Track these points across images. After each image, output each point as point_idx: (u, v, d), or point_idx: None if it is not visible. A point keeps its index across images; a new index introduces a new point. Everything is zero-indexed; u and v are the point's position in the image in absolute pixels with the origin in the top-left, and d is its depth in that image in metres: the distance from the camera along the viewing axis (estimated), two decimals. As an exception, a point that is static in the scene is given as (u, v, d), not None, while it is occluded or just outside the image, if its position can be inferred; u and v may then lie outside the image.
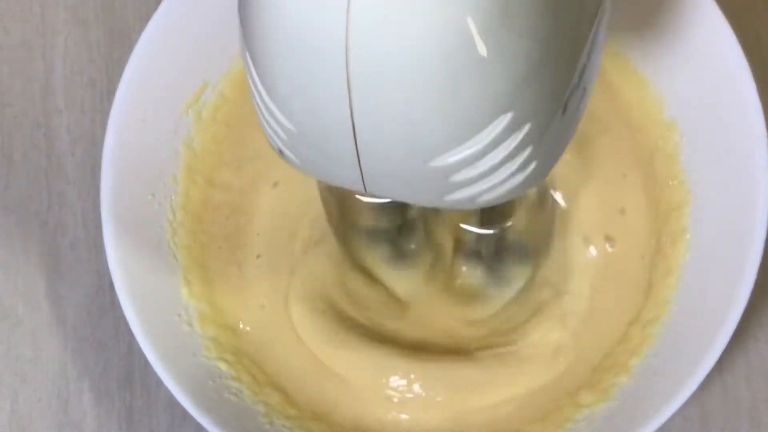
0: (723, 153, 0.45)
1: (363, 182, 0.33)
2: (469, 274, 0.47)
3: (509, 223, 0.44)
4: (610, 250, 0.47)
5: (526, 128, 0.31)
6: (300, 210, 0.49)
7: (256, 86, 0.33)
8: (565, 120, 0.33)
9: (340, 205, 0.44)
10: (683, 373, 0.42)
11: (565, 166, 0.46)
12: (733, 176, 0.44)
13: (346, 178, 0.33)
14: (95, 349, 0.49)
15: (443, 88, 0.30)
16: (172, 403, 0.49)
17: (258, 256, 0.48)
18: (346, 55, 0.29)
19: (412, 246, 0.47)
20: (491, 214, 0.44)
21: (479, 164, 0.32)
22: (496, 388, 0.46)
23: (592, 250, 0.47)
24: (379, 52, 0.29)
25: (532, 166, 0.33)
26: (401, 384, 0.46)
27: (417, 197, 0.34)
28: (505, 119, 0.31)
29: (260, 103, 0.33)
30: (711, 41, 0.44)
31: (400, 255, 0.47)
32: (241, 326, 0.47)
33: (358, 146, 0.31)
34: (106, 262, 0.50)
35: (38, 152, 0.51)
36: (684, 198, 0.46)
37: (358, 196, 0.42)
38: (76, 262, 0.50)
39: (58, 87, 0.51)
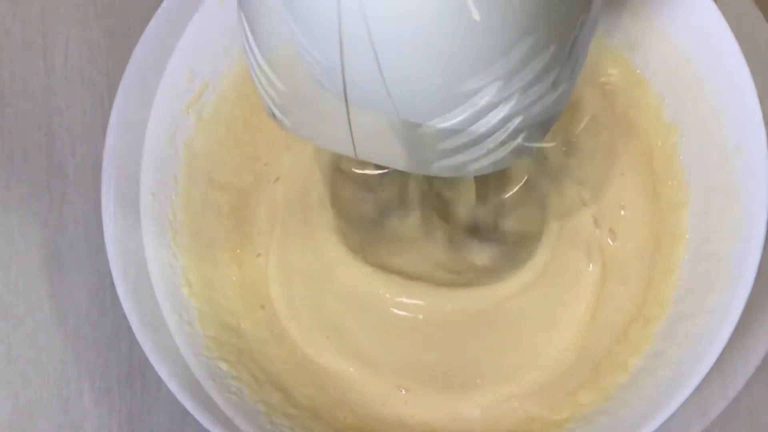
0: (722, 152, 0.45)
1: (353, 145, 0.33)
2: (473, 252, 0.47)
3: (505, 196, 0.44)
4: (610, 245, 0.47)
5: (514, 98, 0.31)
6: (302, 208, 0.49)
7: (249, 46, 0.33)
8: (553, 95, 0.33)
9: (341, 182, 0.44)
10: (683, 373, 0.42)
11: (563, 164, 0.46)
12: (733, 175, 0.44)
13: (336, 139, 0.33)
14: (96, 349, 0.49)
15: (432, 51, 0.30)
16: (173, 402, 0.48)
17: (258, 255, 0.49)
18: (339, 11, 0.29)
19: (411, 228, 0.47)
20: (486, 191, 0.44)
21: (470, 131, 0.32)
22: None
23: (592, 251, 0.48)
24: (372, 4, 0.29)
25: (521, 136, 0.33)
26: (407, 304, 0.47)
27: (406, 163, 0.34)
28: (494, 87, 0.31)
29: (253, 63, 0.33)
30: (710, 41, 0.44)
31: (398, 237, 0.47)
32: (242, 326, 0.47)
33: (349, 107, 0.31)
34: (106, 262, 0.50)
35: (39, 152, 0.51)
36: (683, 198, 0.46)
37: (355, 170, 0.42)
38: (77, 262, 0.50)
39: (58, 87, 0.51)
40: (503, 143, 0.33)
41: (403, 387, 0.47)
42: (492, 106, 0.31)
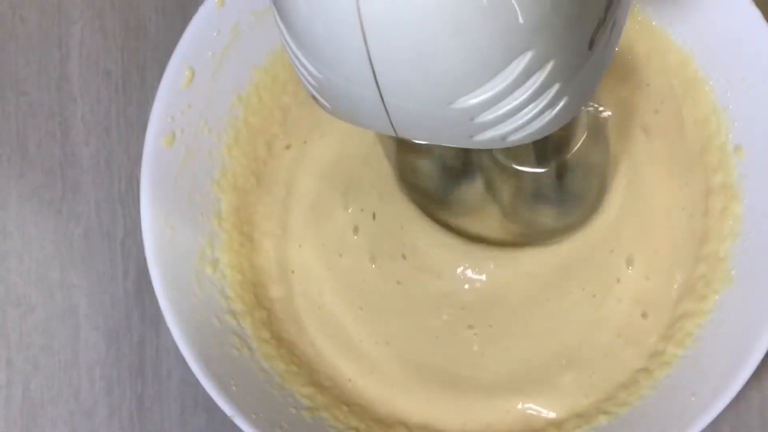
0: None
1: (392, 125, 0.33)
2: (538, 215, 0.47)
3: (566, 156, 0.44)
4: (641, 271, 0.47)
5: (549, 66, 0.31)
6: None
7: (284, 36, 0.33)
8: (594, 56, 0.32)
9: (403, 158, 0.44)
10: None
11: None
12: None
13: (375, 121, 0.33)
14: (107, 338, 0.50)
15: (456, 27, 0.29)
16: (183, 392, 0.49)
17: (300, 246, 0.49)
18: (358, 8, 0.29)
19: (475, 194, 0.47)
20: (545, 152, 0.43)
21: (503, 104, 0.31)
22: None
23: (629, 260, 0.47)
24: None
25: (562, 102, 0.32)
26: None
27: (446, 138, 0.34)
28: (525, 58, 0.30)
29: (290, 52, 0.33)
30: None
31: (463, 203, 0.47)
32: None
33: (381, 90, 0.31)
34: (118, 251, 0.50)
35: (53, 141, 0.51)
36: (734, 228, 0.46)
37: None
38: (89, 252, 0.50)
39: (73, 76, 0.52)
40: (544, 111, 0.32)
41: (404, 387, 0.47)
42: (528, 74, 0.31)
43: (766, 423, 0.47)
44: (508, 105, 0.31)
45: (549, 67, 0.31)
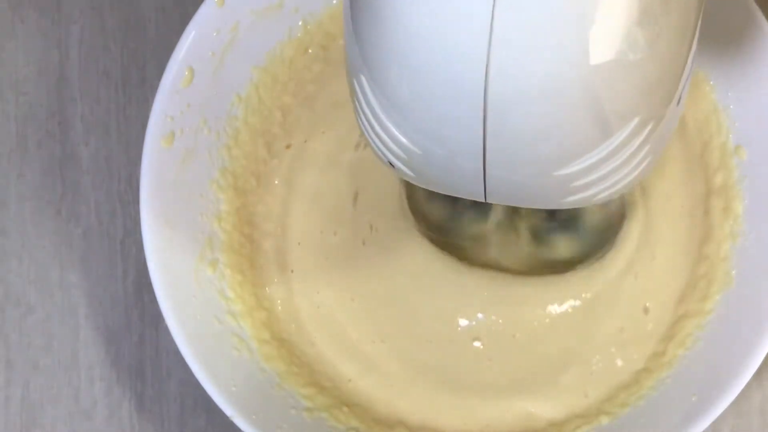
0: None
1: (485, 194, 0.33)
2: (553, 246, 0.47)
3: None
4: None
5: (648, 129, 0.31)
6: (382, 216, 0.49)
7: (368, 101, 0.32)
8: (677, 111, 0.33)
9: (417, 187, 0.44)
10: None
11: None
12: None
13: (467, 191, 0.33)
14: (107, 338, 0.49)
15: (581, 103, 0.30)
16: (183, 392, 0.49)
17: (299, 244, 0.49)
18: (486, 75, 0.29)
19: (489, 227, 0.47)
20: None
21: (601, 168, 0.32)
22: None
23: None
24: (522, 70, 0.29)
25: (647, 161, 0.33)
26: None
27: (537, 203, 0.34)
28: (632, 124, 0.31)
29: (372, 120, 0.32)
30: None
31: (476, 235, 0.47)
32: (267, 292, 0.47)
33: (486, 164, 0.31)
34: (118, 251, 0.50)
35: (52, 141, 0.51)
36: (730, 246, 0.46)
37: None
38: (89, 252, 0.50)
39: (72, 76, 0.51)
40: (633, 170, 0.32)
41: (404, 387, 0.47)
42: (631, 138, 0.31)
43: (766, 423, 0.47)
44: (607, 168, 0.32)
45: (648, 129, 0.31)
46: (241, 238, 0.47)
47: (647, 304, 0.46)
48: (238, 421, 0.43)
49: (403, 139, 0.32)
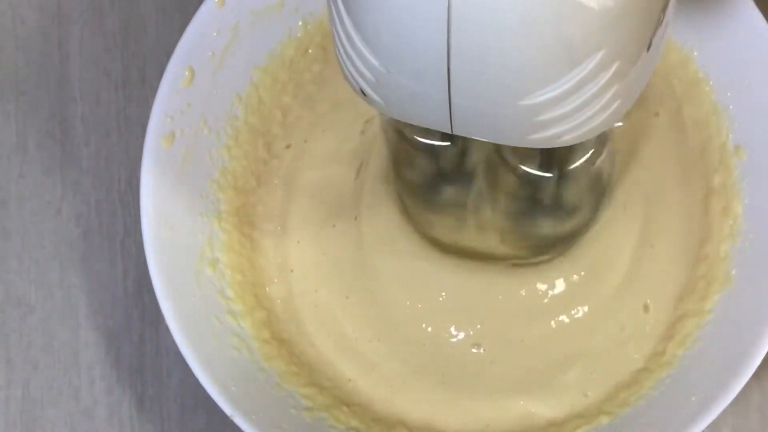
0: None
1: (450, 122, 0.33)
2: (534, 222, 0.47)
3: (570, 167, 0.44)
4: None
5: (614, 67, 0.32)
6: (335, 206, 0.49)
7: (345, 29, 0.32)
8: (649, 57, 0.33)
9: (402, 150, 0.44)
10: (710, 391, 0.42)
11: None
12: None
13: (433, 118, 0.33)
14: (107, 338, 0.50)
15: (547, 26, 0.30)
16: (183, 392, 0.49)
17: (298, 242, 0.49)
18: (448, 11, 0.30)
19: (471, 198, 0.47)
20: (551, 158, 0.44)
21: (567, 102, 0.32)
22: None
23: None
24: None
25: (615, 104, 0.33)
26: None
27: (502, 136, 0.34)
28: (596, 57, 0.31)
29: (345, 42, 0.33)
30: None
31: (458, 206, 0.47)
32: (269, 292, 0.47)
33: (451, 87, 0.31)
34: (118, 251, 0.50)
35: (53, 141, 0.51)
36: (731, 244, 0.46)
37: (417, 137, 0.42)
38: (89, 252, 0.50)
39: (73, 76, 0.52)
40: (599, 112, 0.33)
41: (404, 386, 0.47)
42: (596, 73, 0.31)
43: (766, 423, 0.47)
44: (572, 104, 0.32)
45: (614, 67, 0.31)
46: (241, 237, 0.47)
47: (647, 302, 0.46)
48: (238, 420, 0.43)
49: (371, 59, 0.32)
